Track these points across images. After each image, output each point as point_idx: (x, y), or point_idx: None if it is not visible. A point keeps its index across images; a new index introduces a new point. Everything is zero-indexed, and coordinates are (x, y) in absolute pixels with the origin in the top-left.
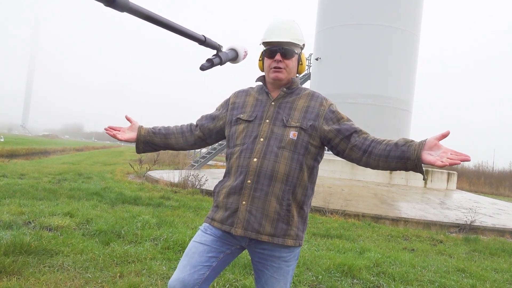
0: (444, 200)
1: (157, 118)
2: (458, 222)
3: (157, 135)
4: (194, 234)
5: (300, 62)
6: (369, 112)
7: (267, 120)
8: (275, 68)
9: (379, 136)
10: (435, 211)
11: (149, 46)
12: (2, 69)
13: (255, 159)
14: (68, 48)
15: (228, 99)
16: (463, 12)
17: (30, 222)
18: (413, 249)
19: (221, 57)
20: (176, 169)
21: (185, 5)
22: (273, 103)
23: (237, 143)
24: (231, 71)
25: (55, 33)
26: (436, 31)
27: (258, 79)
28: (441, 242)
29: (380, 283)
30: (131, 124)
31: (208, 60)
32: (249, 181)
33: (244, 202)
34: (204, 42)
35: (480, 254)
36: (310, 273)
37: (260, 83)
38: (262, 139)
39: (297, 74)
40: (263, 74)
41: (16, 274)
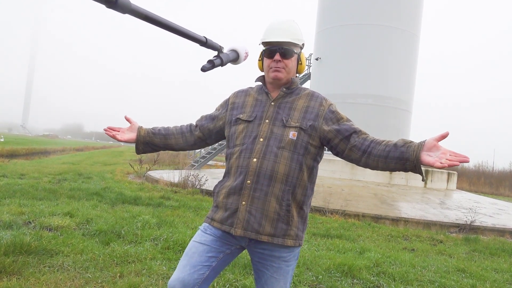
0: (444, 200)
1: (157, 118)
2: (458, 222)
3: (156, 136)
4: (194, 234)
5: (299, 62)
6: (369, 112)
7: (267, 120)
8: (274, 68)
9: (379, 136)
10: (435, 211)
11: (149, 46)
12: (2, 69)
13: (254, 159)
14: (68, 48)
15: (228, 99)
16: (463, 12)
17: (30, 222)
18: (413, 249)
19: (222, 58)
20: (176, 169)
21: (184, 3)
22: (272, 103)
23: (236, 143)
24: (231, 71)
25: (55, 33)
26: (436, 31)
27: (258, 79)
28: (441, 242)
29: (380, 283)
30: (131, 124)
31: (209, 61)
32: (249, 181)
33: (243, 202)
34: (205, 43)
35: (480, 254)
36: (310, 273)
37: (259, 83)
38: (261, 139)
39: (296, 74)
40: (262, 74)
41: (16, 274)
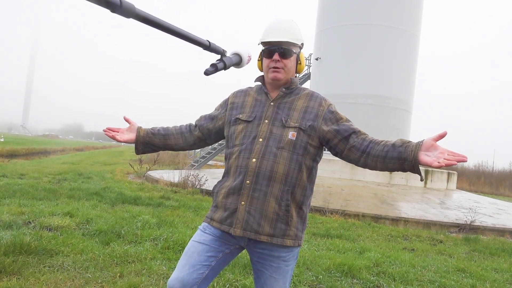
0: (444, 200)
1: (157, 117)
2: (458, 222)
3: (156, 136)
4: (194, 234)
5: (298, 62)
6: (369, 112)
7: (266, 121)
8: (273, 68)
9: (379, 137)
10: (435, 211)
11: (149, 46)
12: (2, 69)
13: (254, 160)
14: (68, 48)
15: (227, 99)
16: (463, 12)
17: (30, 222)
18: (413, 249)
19: (225, 62)
20: (176, 169)
21: (186, 5)
22: (272, 103)
23: (236, 144)
24: (231, 71)
25: (55, 33)
26: (436, 31)
27: (257, 79)
28: (441, 242)
29: (380, 283)
30: (130, 125)
31: (212, 65)
32: (248, 182)
33: (243, 203)
34: (208, 47)
35: (480, 254)
36: (310, 273)
37: (259, 83)
38: (261, 140)
39: (296, 74)
40: (262, 74)
41: (16, 274)
